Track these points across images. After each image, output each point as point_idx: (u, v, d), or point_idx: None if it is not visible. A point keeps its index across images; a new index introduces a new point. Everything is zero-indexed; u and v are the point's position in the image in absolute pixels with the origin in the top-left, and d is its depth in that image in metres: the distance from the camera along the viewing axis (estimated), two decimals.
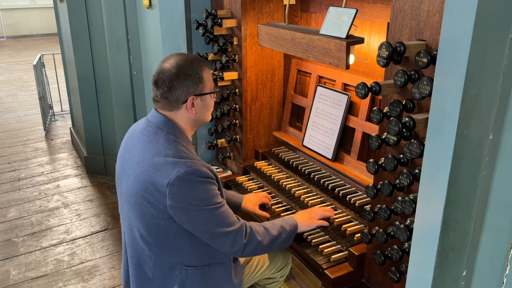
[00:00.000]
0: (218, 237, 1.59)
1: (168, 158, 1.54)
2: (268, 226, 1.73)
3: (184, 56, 1.67)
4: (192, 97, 1.62)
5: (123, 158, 1.70)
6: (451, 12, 0.96)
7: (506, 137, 1.02)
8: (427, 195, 1.10)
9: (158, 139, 1.60)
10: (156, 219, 1.58)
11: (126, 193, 1.65)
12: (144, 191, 1.56)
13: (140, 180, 1.57)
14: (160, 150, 1.57)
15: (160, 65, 1.65)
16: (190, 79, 1.60)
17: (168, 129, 1.63)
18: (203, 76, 1.64)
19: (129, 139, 1.72)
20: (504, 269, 1.13)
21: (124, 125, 3.90)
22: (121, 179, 1.70)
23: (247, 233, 1.63)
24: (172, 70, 1.59)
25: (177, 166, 1.52)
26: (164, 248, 1.63)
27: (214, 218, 1.57)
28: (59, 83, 6.40)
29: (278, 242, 1.72)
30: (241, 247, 1.61)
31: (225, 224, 1.58)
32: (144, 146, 1.61)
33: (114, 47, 3.79)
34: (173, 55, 1.67)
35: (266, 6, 2.31)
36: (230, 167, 2.64)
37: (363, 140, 2.02)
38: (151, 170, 1.54)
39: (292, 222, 1.80)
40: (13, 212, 3.90)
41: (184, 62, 1.62)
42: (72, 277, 3.07)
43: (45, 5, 12.92)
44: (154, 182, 1.53)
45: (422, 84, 1.28)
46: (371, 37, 1.94)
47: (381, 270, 1.64)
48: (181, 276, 1.66)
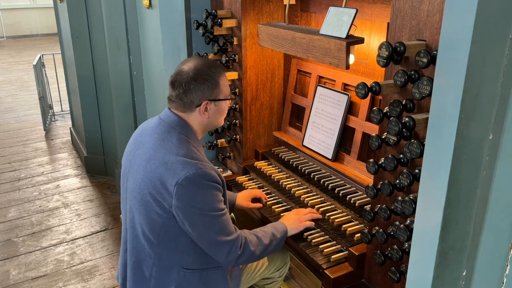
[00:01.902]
0: (216, 245, 1.60)
1: (179, 157, 1.56)
2: (260, 234, 1.74)
3: (203, 60, 1.69)
4: (206, 101, 1.64)
5: (132, 154, 1.71)
6: (451, 12, 0.96)
7: (506, 137, 1.02)
8: (427, 195, 1.10)
9: (171, 138, 1.62)
10: (161, 217, 1.59)
11: (132, 189, 1.67)
12: (152, 188, 1.58)
13: (149, 177, 1.59)
14: (172, 149, 1.59)
15: (179, 66, 1.67)
16: (206, 84, 1.62)
17: (181, 129, 1.65)
18: (220, 82, 1.66)
19: (140, 136, 1.74)
20: (504, 269, 1.13)
21: (124, 125, 3.91)
22: (128, 174, 1.71)
23: (242, 244, 1.65)
24: (190, 73, 1.62)
25: (187, 166, 1.54)
26: (165, 247, 1.64)
27: (215, 226, 1.58)
28: (59, 83, 6.40)
29: (269, 250, 1.75)
30: (235, 258, 1.63)
31: (224, 233, 1.60)
32: (155, 144, 1.63)
33: (114, 47, 3.79)
34: (193, 58, 1.70)
35: (266, 6, 2.31)
36: (230, 167, 2.64)
37: (363, 140, 2.02)
38: (161, 168, 1.56)
39: (282, 228, 1.82)
40: (13, 212, 3.90)
41: (203, 67, 1.64)
42: (72, 277, 3.07)
43: (45, 5, 12.93)
44: (163, 180, 1.55)
45: (422, 84, 1.28)
46: (371, 37, 1.94)
47: (381, 270, 1.64)
48: (178, 279, 1.67)
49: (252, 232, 1.75)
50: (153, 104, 2.82)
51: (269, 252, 1.75)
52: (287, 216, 1.92)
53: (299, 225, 1.87)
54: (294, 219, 1.89)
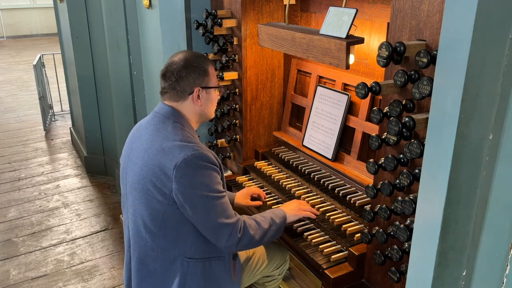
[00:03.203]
0: (217, 228, 1.61)
1: (176, 142, 1.61)
2: (259, 219, 1.76)
3: (192, 52, 1.79)
4: (198, 88, 1.70)
5: (129, 149, 1.75)
6: (451, 12, 0.96)
7: (506, 137, 1.02)
8: (427, 195, 1.10)
9: (166, 127, 1.67)
10: (162, 205, 1.61)
11: (132, 181, 1.69)
12: (152, 175, 1.61)
13: (148, 165, 1.62)
14: (168, 136, 1.63)
15: (169, 59, 1.74)
16: (196, 71, 1.69)
17: (175, 118, 1.69)
18: (209, 71, 1.73)
19: (136, 131, 1.78)
20: (504, 269, 1.13)
21: (124, 125, 3.90)
22: (127, 169, 1.74)
23: (241, 228, 1.67)
24: (180, 63, 1.69)
25: (185, 149, 1.58)
26: (168, 238, 1.65)
27: (215, 208, 1.60)
28: (59, 83, 6.41)
29: (269, 235, 1.75)
30: (235, 241, 1.64)
31: (224, 215, 1.62)
32: (151, 134, 1.67)
33: (114, 47, 3.79)
34: (182, 51, 1.78)
35: (266, 6, 2.31)
36: (230, 167, 2.64)
37: (363, 140, 2.02)
38: (159, 155, 1.60)
39: (281, 214, 1.84)
40: (13, 212, 3.90)
41: (191, 57, 1.72)
42: (72, 277, 3.07)
43: (45, 5, 12.93)
44: (162, 165, 1.58)
45: (422, 84, 1.28)
46: (371, 37, 1.94)
47: (381, 270, 1.64)
48: (183, 269, 1.68)
49: (251, 217, 1.76)
50: (153, 104, 2.82)
51: (269, 238, 1.76)
52: (287, 203, 1.96)
53: (299, 212, 1.89)
54: (295, 205, 1.92)
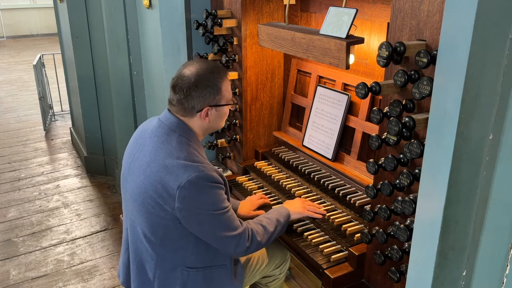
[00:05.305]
0: (223, 240, 1.62)
1: (180, 160, 1.55)
2: (265, 222, 1.76)
3: (205, 64, 1.66)
4: (207, 107, 1.63)
5: (132, 157, 1.70)
6: (451, 12, 0.96)
7: (506, 137, 1.02)
8: (427, 195, 1.10)
9: (170, 141, 1.61)
10: (163, 220, 1.59)
11: (132, 192, 1.66)
12: (153, 191, 1.57)
13: (150, 180, 1.58)
14: (172, 152, 1.58)
15: (180, 69, 1.65)
16: (208, 90, 1.61)
17: (181, 132, 1.64)
18: (222, 88, 1.65)
19: (139, 138, 1.72)
20: (504, 269, 1.13)
21: (124, 125, 3.91)
22: (127, 177, 1.71)
23: (249, 236, 1.67)
24: (191, 79, 1.59)
25: (189, 170, 1.53)
26: (167, 248, 1.64)
27: (221, 223, 1.60)
28: (59, 83, 6.40)
29: (274, 236, 1.78)
30: (244, 249, 1.65)
31: (230, 228, 1.62)
32: (155, 147, 1.62)
33: (114, 47, 3.79)
34: (195, 62, 1.67)
35: (266, 6, 2.31)
36: (230, 167, 2.64)
37: (363, 140, 2.02)
38: (162, 172, 1.55)
39: (286, 212, 1.85)
40: (13, 212, 3.90)
41: (205, 72, 1.61)
42: (72, 277, 3.07)
43: (45, 5, 12.92)
44: (165, 183, 1.54)
45: (422, 84, 1.28)
46: (371, 37, 1.94)
47: (381, 270, 1.64)
48: (183, 278, 1.67)
49: (257, 221, 1.76)
50: (153, 104, 2.82)
51: (274, 238, 1.79)
52: (291, 201, 1.96)
53: (303, 211, 1.90)
54: (299, 204, 1.92)
